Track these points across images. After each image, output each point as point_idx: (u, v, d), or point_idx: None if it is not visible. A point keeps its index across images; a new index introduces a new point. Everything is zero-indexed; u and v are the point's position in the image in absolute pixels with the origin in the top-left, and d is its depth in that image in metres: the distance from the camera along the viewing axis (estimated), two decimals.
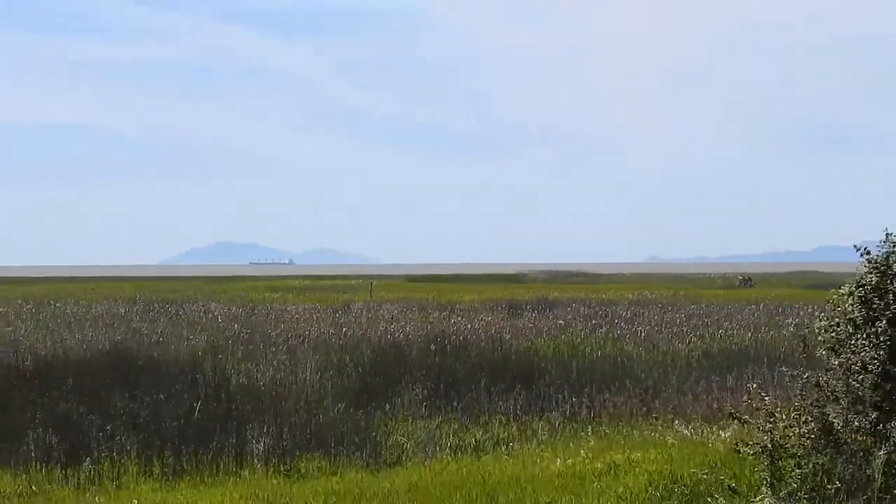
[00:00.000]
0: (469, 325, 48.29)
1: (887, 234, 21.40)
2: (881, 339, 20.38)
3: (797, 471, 19.11)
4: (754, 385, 22.33)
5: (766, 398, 20.49)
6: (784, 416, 19.87)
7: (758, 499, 18.76)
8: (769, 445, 19.47)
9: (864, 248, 21.53)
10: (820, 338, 21.42)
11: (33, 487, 22.86)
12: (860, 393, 20.04)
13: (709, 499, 19.05)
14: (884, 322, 20.40)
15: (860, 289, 21.10)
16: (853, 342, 20.64)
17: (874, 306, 20.66)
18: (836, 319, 21.25)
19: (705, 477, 20.05)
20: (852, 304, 20.95)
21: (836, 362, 20.52)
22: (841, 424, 19.57)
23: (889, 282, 20.95)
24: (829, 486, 18.82)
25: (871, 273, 21.13)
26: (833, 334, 21.00)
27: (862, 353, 20.35)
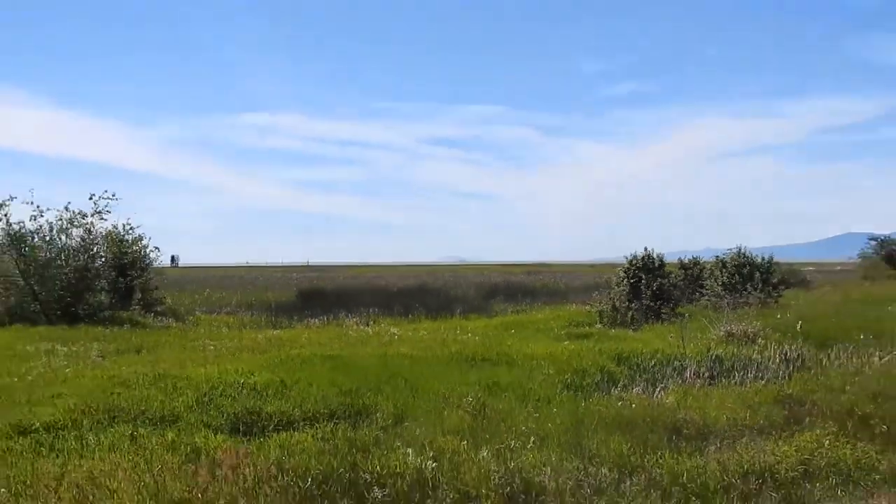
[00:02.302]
0: (520, 278, 49.80)
1: (635, 253, 21.29)
2: (626, 282, 21.12)
3: (606, 317, 19.75)
4: (595, 294, 24.58)
5: (601, 298, 21.10)
6: (600, 301, 20.64)
7: (596, 325, 18.58)
8: (600, 309, 20.21)
9: (626, 257, 21.28)
10: (614, 283, 21.67)
11: (391, 322, 21.25)
12: (619, 296, 20.78)
13: (583, 325, 18.67)
14: (628, 280, 21.06)
15: (621, 267, 21.55)
16: (620, 284, 21.31)
17: (626, 272, 21.30)
18: (617, 276, 21.58)
19: (583, 319, 19.91)
20: (622, 272, 21.39)
21: (617, 290, 21.08)
22: (618, 303, 20.29)
23: (631, 263, 21.31)
24: (616, 322, 19.00)
25: (627, 264, 21.46)
26: (616, 281, 21.47)
27: (622, 288, 21.10)
